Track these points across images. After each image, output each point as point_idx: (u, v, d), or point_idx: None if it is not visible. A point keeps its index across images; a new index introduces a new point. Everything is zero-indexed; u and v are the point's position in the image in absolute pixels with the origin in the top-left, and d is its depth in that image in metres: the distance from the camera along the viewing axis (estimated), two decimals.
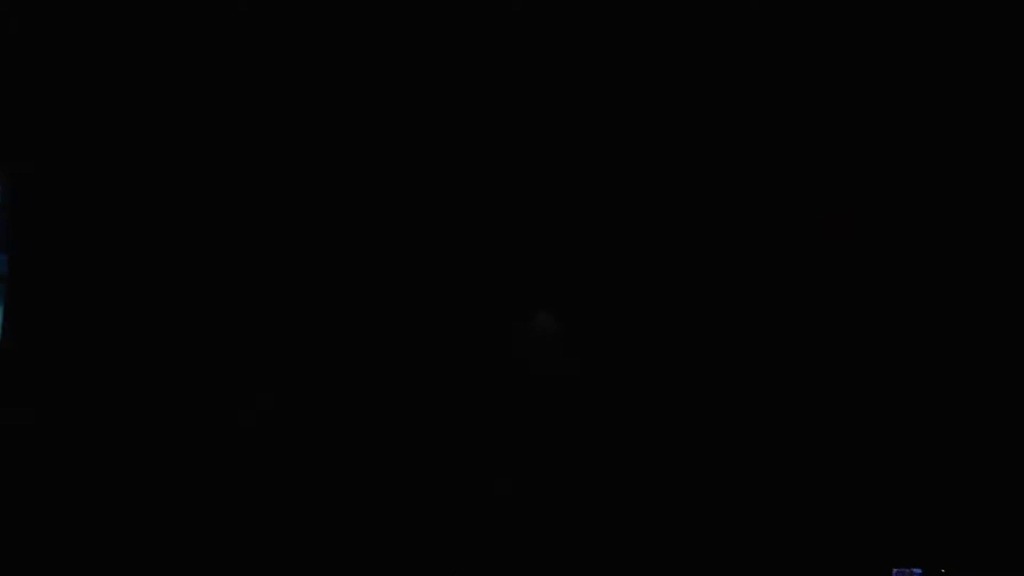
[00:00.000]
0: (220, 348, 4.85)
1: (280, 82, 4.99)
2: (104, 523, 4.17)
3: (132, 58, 4.88)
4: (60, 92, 4.74)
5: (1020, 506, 4.19)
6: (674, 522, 4.26)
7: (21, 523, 4.04)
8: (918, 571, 3.69)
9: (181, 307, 5.02)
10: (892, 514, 4.09)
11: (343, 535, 4.19)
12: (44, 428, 4.49)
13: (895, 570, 3.70)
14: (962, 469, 4.35)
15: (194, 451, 4.47)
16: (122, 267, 4.86)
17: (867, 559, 3.90)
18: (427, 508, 4.23)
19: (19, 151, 4.70)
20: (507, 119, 5.17)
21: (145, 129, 4.93)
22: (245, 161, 5.09)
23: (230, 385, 4.61)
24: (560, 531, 4.19)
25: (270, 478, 4.51)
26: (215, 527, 4.31)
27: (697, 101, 4.95)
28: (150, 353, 4.79)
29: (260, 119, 5.09)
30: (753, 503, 4.38)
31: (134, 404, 4.62)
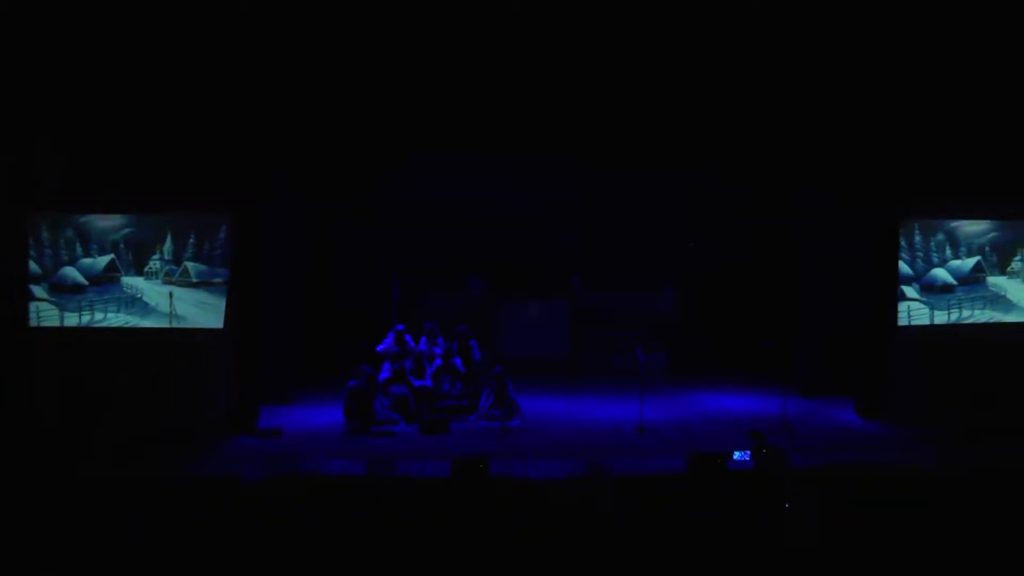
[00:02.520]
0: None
1: None
2: None
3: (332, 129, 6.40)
4: (266, 150, 6.34)
5: None
6: None
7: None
8: (748, 453, 5.82)
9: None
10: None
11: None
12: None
13: (736, 452, 5.79)
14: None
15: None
16: (301, 277, 7.03)
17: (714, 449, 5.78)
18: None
19: (239, 198, 6.40)
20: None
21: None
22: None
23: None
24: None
25: None
26: None
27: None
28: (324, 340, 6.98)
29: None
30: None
31: (309, 374, 6.80)
